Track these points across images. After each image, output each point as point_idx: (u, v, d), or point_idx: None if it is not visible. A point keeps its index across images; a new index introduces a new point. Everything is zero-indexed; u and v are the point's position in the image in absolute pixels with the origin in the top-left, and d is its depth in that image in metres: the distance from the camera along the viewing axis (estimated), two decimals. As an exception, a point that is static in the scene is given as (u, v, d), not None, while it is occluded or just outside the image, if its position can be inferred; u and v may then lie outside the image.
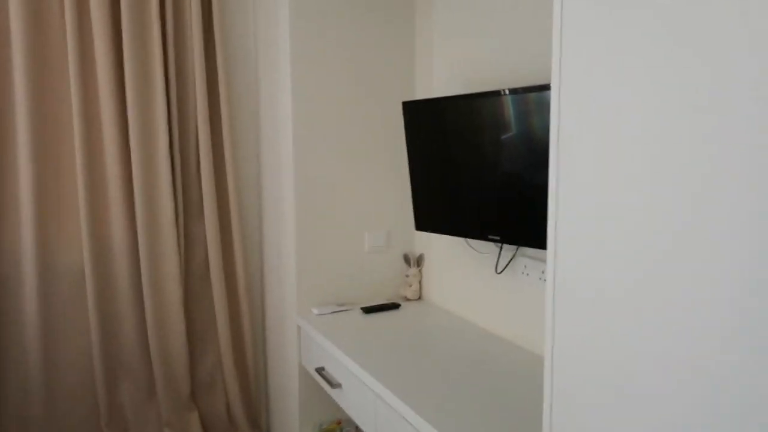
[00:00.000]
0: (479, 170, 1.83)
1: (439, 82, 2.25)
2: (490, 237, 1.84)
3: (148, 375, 2.40)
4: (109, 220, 2.30)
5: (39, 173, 2.18)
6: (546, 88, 1.57)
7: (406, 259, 2.40)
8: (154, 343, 2.35)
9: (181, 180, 2.38)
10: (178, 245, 2.36)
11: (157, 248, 2.34)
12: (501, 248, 1.96)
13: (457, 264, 2.21)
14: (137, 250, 2.34)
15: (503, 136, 1.73)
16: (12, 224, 2.19)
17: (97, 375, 2.31)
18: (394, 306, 2.29)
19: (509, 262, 1.93)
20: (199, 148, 2.37)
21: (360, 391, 1.77)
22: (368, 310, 2.24)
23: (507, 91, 1.68)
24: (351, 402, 1.85)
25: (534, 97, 1.60)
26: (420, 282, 2.40)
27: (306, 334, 2.20)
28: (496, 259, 2.00)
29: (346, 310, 2.27)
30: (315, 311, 2.24)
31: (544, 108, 1.58)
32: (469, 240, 2.12)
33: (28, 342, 2.22)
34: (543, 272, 1.80)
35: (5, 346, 2.22)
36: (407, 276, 2.39)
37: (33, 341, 2.22)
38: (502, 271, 1.95)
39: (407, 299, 2.40)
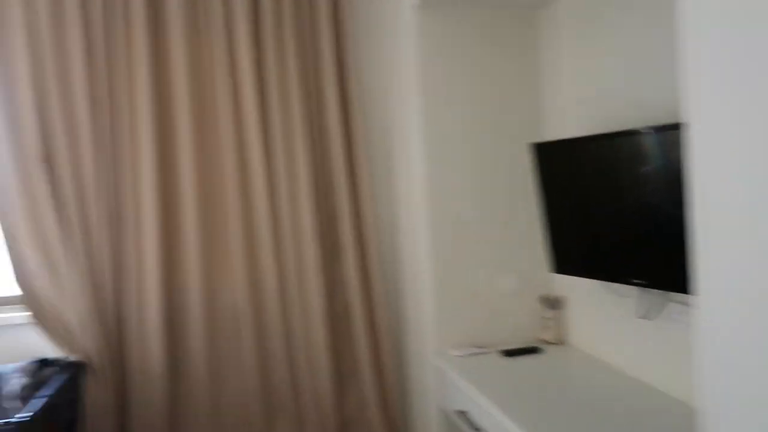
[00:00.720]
0: (620, 211, 1.79)
1: (566, 120, 2.23)
2: (634, 281, 1.78)
3: (298, 412, 2.56)
4: (262, 265, 2.51)
5: (204, 224, 2.45)
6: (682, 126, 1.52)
7: (544, 301, 2.37)
8: (304, 380, 2.52)
9: (322, 225, 2.56)
10: (323, 289, 2.52)
11: (303, 290, 2.52)
12: (645, 292, 1.89)
13: (598, 307, 2.15)
14: (286, 293, 2.53)
15: (645, 176, 1.68)
16: (183, 269, 2.47)
17: (254, 410, 2.51)
18: (534, 350, 2.26)
19: (655, 307, 1.85)
20: (338, 193, 2.54)
21: (502, 438, 1.77)
22: (509, 353, 2.23)
23: (648, 129, 1.64)
24: (493, 448, 1.85)
25: (676, 135, 1.55)
26: (559, 325, 2.35)
27: (445, 376, 2.24)
28: (639, 303, 1.93)
29: (485, 352, 2.28)
30: (453, 353, 2.27)
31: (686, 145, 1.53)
32: (609, 282, 2.06)
33: (197, 374, 2.46)
34: (691, 317, 1.71)
35: (178, 377, 2.47)
36: (545, 318, 2.36)
37: (201, 373, 2.46)
38: (647, 316, 1.87)
39: (546, 342, 2.36)
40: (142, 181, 2.37)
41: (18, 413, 1.88)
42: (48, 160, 2.30)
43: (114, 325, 2.40)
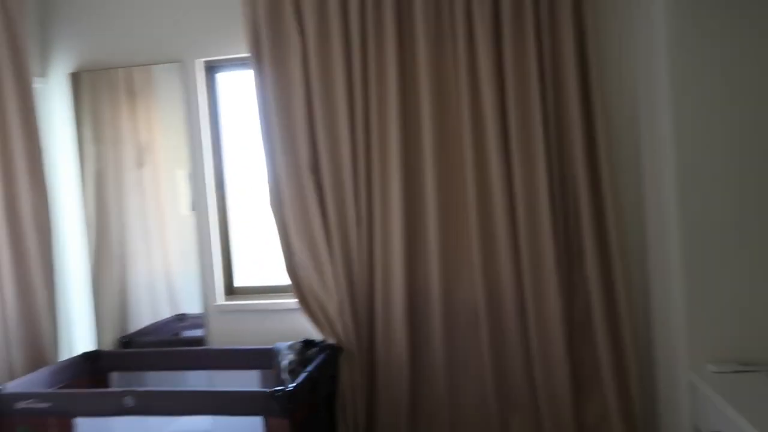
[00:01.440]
0: None
1: None
2: None
3: (535, 413, 2.52)
4: (499, 265, 2.54)
5: (444, 224, 2.57)
6: None
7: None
8: (541, 382, 2.47)
9: (561, 225, 2.48)
10: (561, 290, 2.45)
11: (540, 292, 2.48)
12: None
13: None
14: (523, 293, 2.51)
15: None
16: (424, 267, 2.62)
17: (490, 404, 2.54)
18: (818, 372, 1.90)
19: None
20: (578, 192, 2.44)
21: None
22: (782, 373, 1.91)
23: None
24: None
25: None
26: None
27: (699, 392, 2.00)
28: None
29: (754, 371, 1.98)
30: (712, 368, 2.02)
31: None
32: None
33: (436, 365, 2.59)
34: None
35: (419, 366, 2.63)
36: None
37: (440, 366, 2.58)
38: None
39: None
40: (390, 187, 2.57)
41: (288, 384, 2.19)
42: (315, 170, 2.64)
43: (365, 315, 2.65)
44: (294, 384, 2.19)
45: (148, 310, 3.29)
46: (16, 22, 2.74)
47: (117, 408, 2.26)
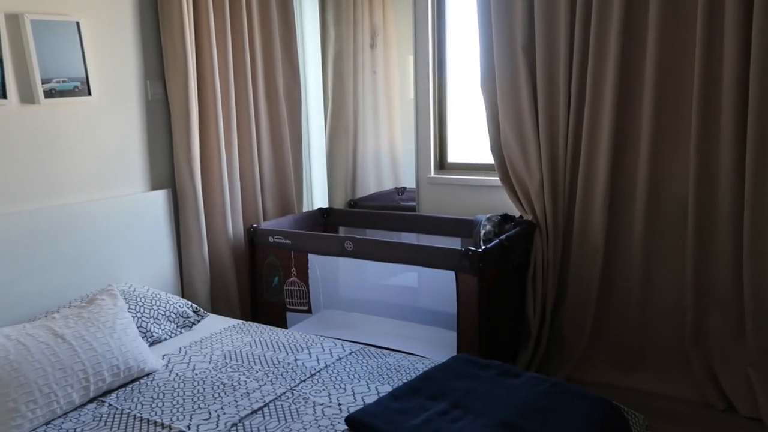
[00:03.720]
0: None
1: None
2: None
3: (737, 312, 2.40)
4: (714, 157, 2.36)
5: (658, 112, 2.44)
6: None
7: None
8: (749, 283, 2.33)
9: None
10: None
11: (764, 183, 2.26)
12: None
13: None
14: (742, 191, 2.32)
15: None
16: (632, 153, 2.55)
17: (687, 299, 2.48)
18: None
19: None
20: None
21: None
22: None
23: None
24: None
25: None
26: None
27: None
28: None
29: None
30: None
31: None
32: None
33: (632, 253, 2.58)
34: None
35: (614, 251, 2.64)
36: None
37: (637, 254, 2.56)
38: None
39: None
40: (604, 68, 2.50)
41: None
42: (529, 49, 2.66)
43: (564, 196, 2.70)
44: (485, 247, 2.40)
45: (372, 180, 3.74)
46: None
47: (340, 250, 2.72)
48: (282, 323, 2.89)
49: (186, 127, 2.76)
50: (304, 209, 3.50)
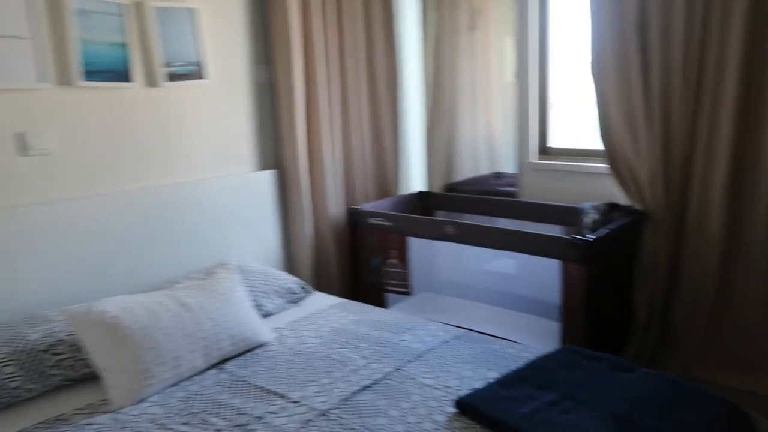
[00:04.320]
0: None
1: None
2: None
3: None
4: None
5: None
6: None
7: None
8: None
9: None
10: None
11: None
12: None
13: None
14: None
15: None
16: (755, 143, 2.39)
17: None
18: None
19: None
20: None
21: None
22: None
23: None
24: None
25: None
26: None
27: None
28: None
29: None
30: None
31: None
32: None
33: (756, 254, 2.42)
34: None
35: (735, 248, 2.49)
36: None
37: (758, 254, 2.41)
38: None
39: None
40: (726, 46, 2.34)
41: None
42: (642, 31, 2.54)
43: (678, 185, 2.57)
44: (594, 236, 2.33)
45: (469, 165, 3.71)
46: None
47: (440, 233, 2.72)
48: (381, 304, 2.94)
49: (291, 109, 2.84)
50: (402, 192, 3.53)
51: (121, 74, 2.31)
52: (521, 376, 1.80)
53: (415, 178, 3.74)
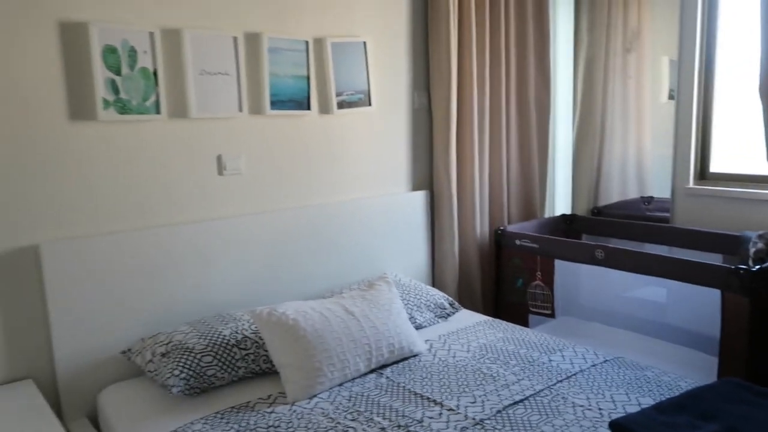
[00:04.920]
0: None
1: None
2: None
3: None
4: None
5: None
6: None
7: None
8: None
9: None
10: None
11: None
12: None
13: None
14: None
15: None
16: None
17: None
18: None
19: None
20: None
21: None
22: None
23: None
24: None
25: None
26: None
27: None
28: None
29: None
30: None
31: None
32: None
33: None
34: None
35: None
36: None
37: None
38: None
39: None
40: None
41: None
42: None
43: None
44: (761, 266, 2.24)
45: (617, 188, 3.65)
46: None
47: (589, 257, 2.73)
48: (523, 324, 2.99)
49: (446, 133, 3.00)
50: (546, 215, 3.55)
51: (302, 103, 2.60)
52: (680, 404, 1.79)
53: (560, 201, 3.74)
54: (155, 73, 2.22)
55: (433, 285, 3.14)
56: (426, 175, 3.15)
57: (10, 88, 1.99)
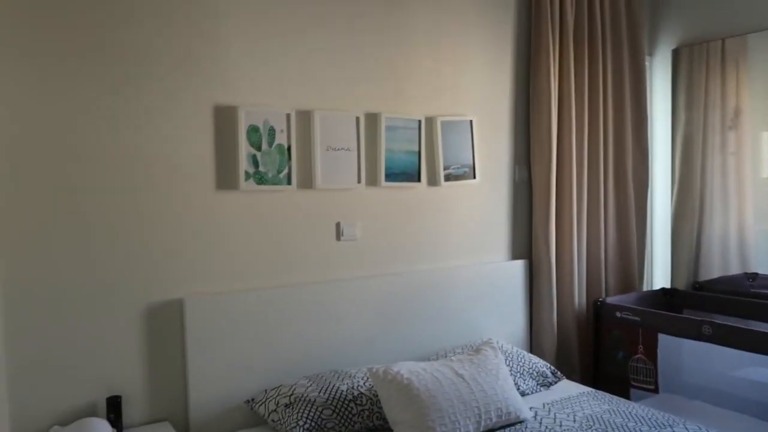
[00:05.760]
0: None
1: None
2: None
3: None
4: None
5: None
6: None
7: None
8: None
9: None
10: None
11: None
12: None
13: None
14: None
15: None
16: None
17: None
18: None
19: None
20: None
21: None
22: None
23: None
24: None
25: None
26: None
27: None
28: None
29: None
30: None
31: None
32: None
33: None
34: None
35: None
36: None
37: None
38: None
39: None
40: None
41: None
42: None
43: None
44: None
45: (718, 263, 3.60)
46: (634, 4, 3.40)
47: (695, 333, 2.72)
48: (625, 397, 2.96)
49: (546, 206, 3.12)
50: (644, 288, 3.54)
51: (412, 176, 2.81)
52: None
53: (658, 275, 3.72)
54: (289, 149, 2.50)
55: (531, 353, 3.18)
56: (525, 245, 3.26)
57: (172, 160, 2.30)
